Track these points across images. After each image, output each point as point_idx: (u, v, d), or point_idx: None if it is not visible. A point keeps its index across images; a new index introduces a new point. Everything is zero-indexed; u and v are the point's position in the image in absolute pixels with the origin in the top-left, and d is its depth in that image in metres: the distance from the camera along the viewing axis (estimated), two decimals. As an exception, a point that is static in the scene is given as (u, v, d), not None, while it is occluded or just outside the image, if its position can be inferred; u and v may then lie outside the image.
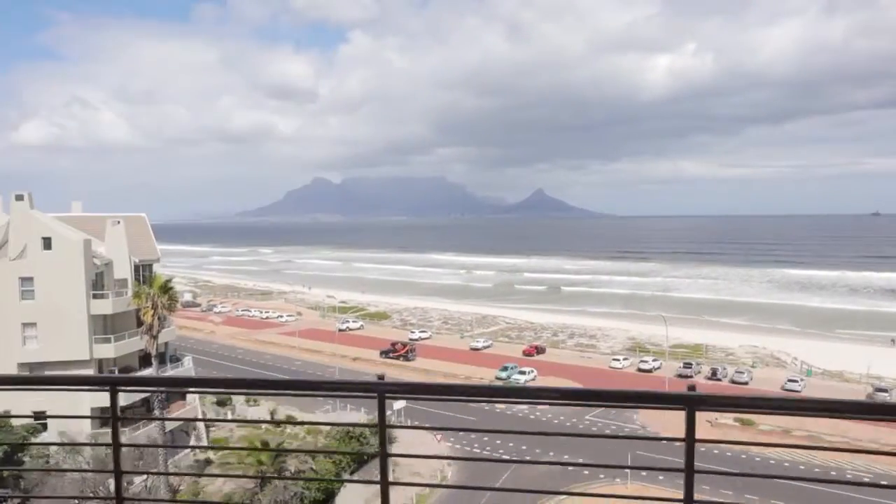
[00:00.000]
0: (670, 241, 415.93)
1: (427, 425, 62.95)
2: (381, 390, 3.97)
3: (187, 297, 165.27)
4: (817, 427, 66.58)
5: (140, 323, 50.16)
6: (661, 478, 55.03)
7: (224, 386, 4.43)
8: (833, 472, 56.01)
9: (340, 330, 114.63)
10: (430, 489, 55.47)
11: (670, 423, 69.48)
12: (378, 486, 4.12)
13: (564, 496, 51.75)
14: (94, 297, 52.08)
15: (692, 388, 3.75)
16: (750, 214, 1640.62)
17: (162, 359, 56.49)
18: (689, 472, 3.68)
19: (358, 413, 72.72)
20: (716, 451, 61.48)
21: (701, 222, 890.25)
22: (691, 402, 3.62)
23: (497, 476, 56.28)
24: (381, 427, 4.03)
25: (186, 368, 60.78)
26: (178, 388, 4.28)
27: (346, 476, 50.37)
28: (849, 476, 54.94)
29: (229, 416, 73.42)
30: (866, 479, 54.85)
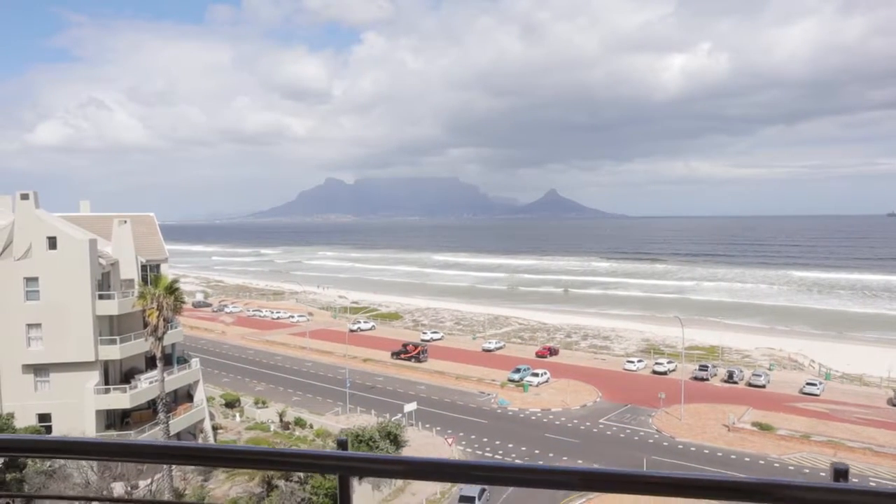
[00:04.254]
0: (684, 242, 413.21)
1: None
2: (346, 468, 2.71)
3: (199, 297, 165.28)
4: (839, 433, 64.97)
5: (147, 324, 49.33)
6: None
7: (118, 454, 2.98)
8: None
9: (352, 330, 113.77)
10: (442, 493, 54.44)
11: (686, 427, 68.10)
12: (391, 486, 2.68)
13: (579, 497, 50.51)
14: (100, 297, 51.34)
15: (842, 472, 2.43)
16: (764, 215, 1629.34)
17: (168, 360, 55.73)
18: None
19: (368, 416, 71.72)
20: (733, 456, 60.05)
21: (715, 223, 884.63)
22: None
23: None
24: None
25: (193, 370, 59.97)
26: (47, 453, 2.96)
27: (355, 482, 49.21)
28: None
29: (238, 419, 72.70)
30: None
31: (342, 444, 2.85)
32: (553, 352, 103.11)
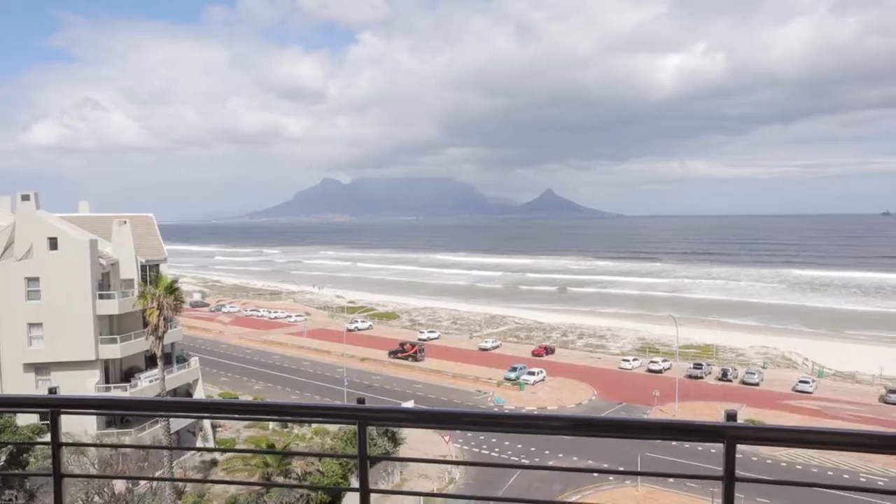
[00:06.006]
0: (680, 241, 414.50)
1: (408, 458, 62.50)
2: (363, 417, 3.38)
3: (196, 297, 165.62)
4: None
5: (146, 323, 49.98)
6: (671, 481, 54.44)
7: (185, 409, 3.85)
8: (846, 476, 55.25)
9: (349, 330, 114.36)
10: (439, 489, 55.09)
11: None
12: (389, 484, 3.54)
13: (576, 492, 51.26)
14: (101, 297, 51.88)
15: (732, 416, 3.12)
16: (759, 214, 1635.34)
17: (168, 359, 56.31)
18: None
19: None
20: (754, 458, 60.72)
21: (710, 222, 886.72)
22: (731, 436, 3.03)
23: (506, 478, 55.79)
24: (362, 458, 3.44)
25: (193, 369, 60.56)
26: (129, 410, 3.72)
27: (352, 478, 49.91)
28: (862, 480, 54.15)
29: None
30: (881, 483, 53.98)
31: (361, 400, 3.53)
32: (549, 350, 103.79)
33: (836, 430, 3.10)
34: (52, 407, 3.69)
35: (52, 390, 3.87)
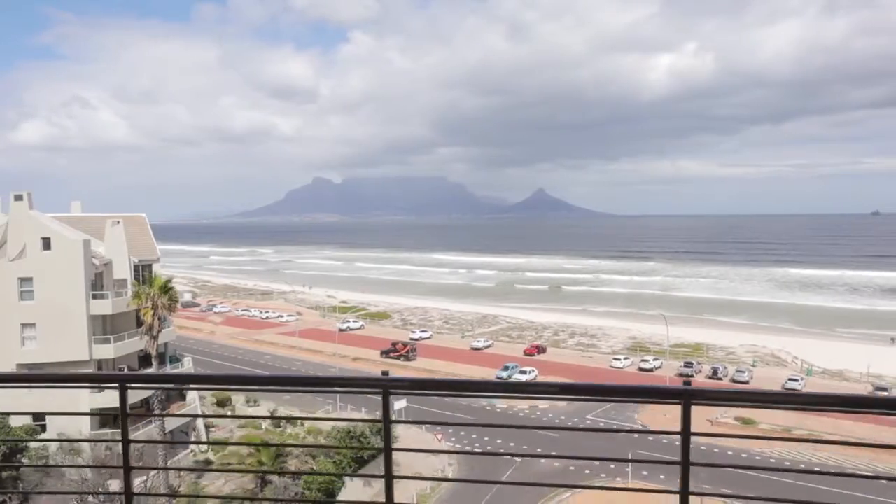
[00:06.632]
0: (671, 241, 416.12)
1: (428, 421, 63.36)
2: (386, 386, 4.05)
3: (187, 297, 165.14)
4: (819, 426, 66.49)
5: (140, 323, 50.09)
6: (662, 477, 54.96)
7: (230, 383, 4.62)
8: (832, 467, 55.85)
9: (341, 330, 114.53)
10: (432, 488, 55.45)
11: (671, 422, 69.38)
12: (382, 483, 4.26)
13: (565, 490, 51.73)
14: (94, 297, 51.99)
15: (688, 382, 3.88)
16: (750, 214, 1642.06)
17: (162, 359, 56.41)
18: (685, 465, 3.77)
19: (358, 413, 72.61)
20: (716, 450, 61.44)
21: (701, 222, 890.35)
22: (687, 396, 3.70)
23: (499, 475, 56.15)
24: (385, 423, 4.15)
25: (186, 369, 60.69)
26: (184, 384, 4.36)
27: (348, 481, 50.29)
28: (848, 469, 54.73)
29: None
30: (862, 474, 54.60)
31: (385, 373, 4.17)
32: (541, 350, 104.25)
33: (786, 393, 4.01)
34: (121, 381, 4.34)
35: (120, 367, 4.51)
